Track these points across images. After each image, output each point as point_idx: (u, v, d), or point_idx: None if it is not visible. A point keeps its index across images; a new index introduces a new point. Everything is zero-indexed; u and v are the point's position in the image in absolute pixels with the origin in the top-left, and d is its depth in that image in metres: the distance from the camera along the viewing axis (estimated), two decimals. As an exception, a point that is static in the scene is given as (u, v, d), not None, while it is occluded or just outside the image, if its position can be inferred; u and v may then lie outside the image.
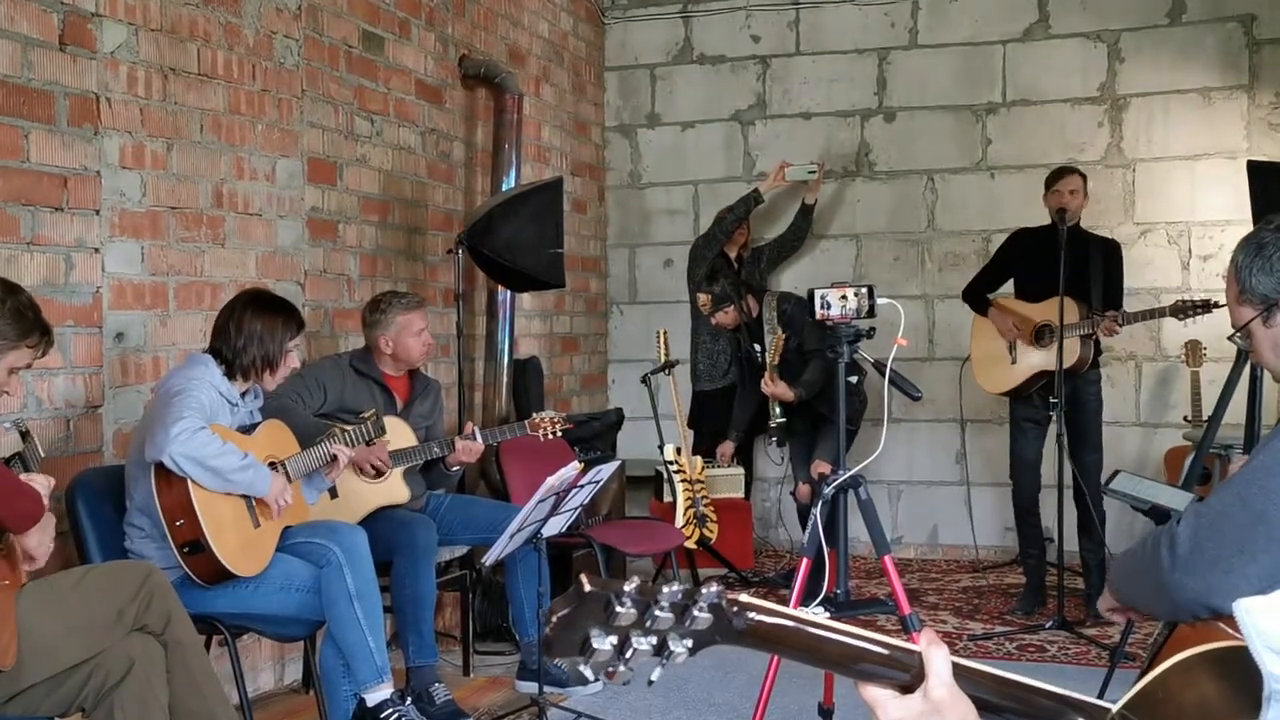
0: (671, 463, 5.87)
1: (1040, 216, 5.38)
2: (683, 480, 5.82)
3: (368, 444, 3.86)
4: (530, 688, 4.28)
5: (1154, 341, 6.40)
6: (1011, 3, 6.58)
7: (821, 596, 2.89)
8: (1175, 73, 6.35)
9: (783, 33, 6.97)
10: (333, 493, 3.94)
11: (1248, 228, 5.00)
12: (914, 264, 6.75)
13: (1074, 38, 6.50)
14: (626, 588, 1.02)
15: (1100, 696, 3.62)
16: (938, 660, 1.17)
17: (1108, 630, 5.07)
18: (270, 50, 4.36)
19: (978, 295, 5.49)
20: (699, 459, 5.99)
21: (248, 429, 3.47)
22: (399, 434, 4.14)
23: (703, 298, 5.60)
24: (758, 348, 5.59)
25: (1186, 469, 5.48)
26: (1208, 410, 5.90)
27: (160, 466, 3.13)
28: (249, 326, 3.41)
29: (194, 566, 3.18)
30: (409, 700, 3.81)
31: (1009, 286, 5.50)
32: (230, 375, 3.42)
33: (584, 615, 1.03)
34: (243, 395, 3.46)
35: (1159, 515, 2.22)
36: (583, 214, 6.99)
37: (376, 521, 4.00)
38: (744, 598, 1.12)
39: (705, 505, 5.81)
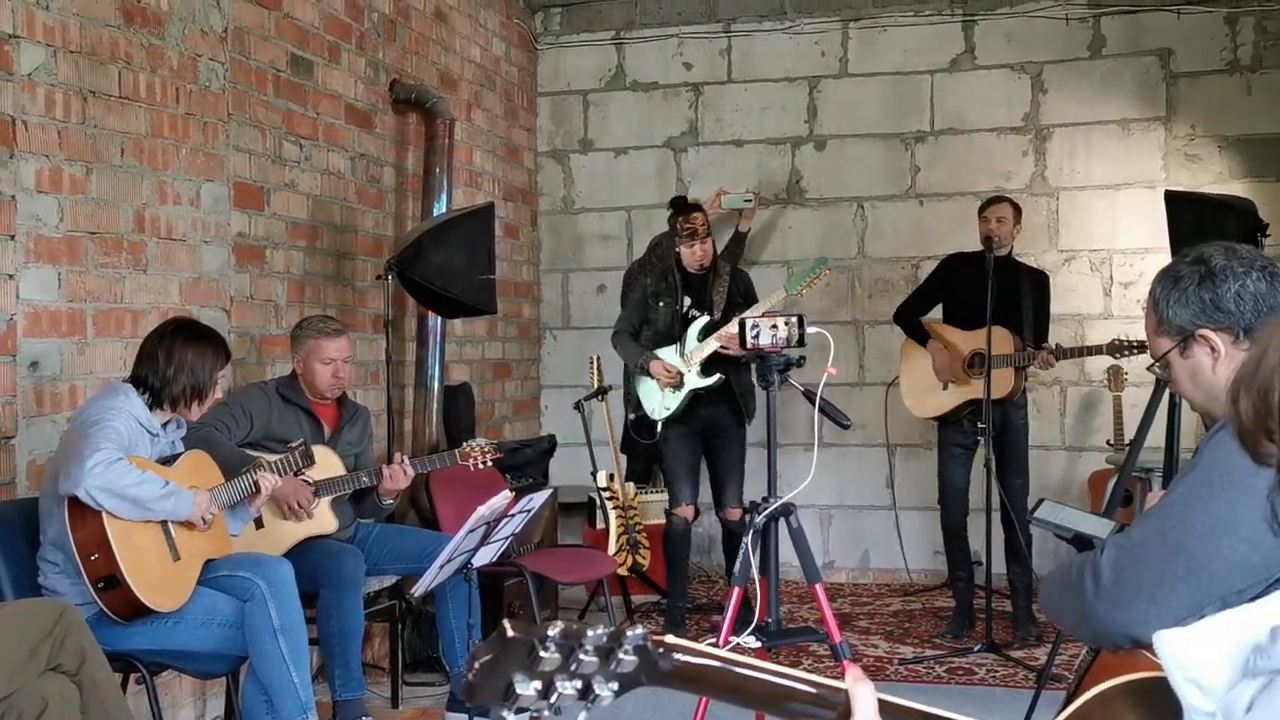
0: (604, 489, 5.85)
1: (969, 243, 5.46)
2: (615, 507, 5.80)
3: (296, 474, 3.79)
4: (459, 718, 4.23)
5: (1078, 367, 6.52)
6: (939, 34, 6.70)
7: (753, 625, 2.89)
8: (1096, 104, 6.49)
9: (715, 60, 7.03)
10: (258, 523, 3.87)
11: (1166, 256, 5.17)
12: (844, 290, 6.81)
13: (999, 69, 6.63)
14: (550, 632, 1.01)
15: (1027, 718, 3.64)
16: (863, 697, 1.17)
17: (1034, 653, 5.13)
18: (195, 73, 4.30)
19: (910, 318, 5.54)
20: (632, 485, 5.97)
21: (169, 460, 3.39)
22: (327, 463, 4.07)
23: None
24: (695, 313, 5.48)
25: (1109, 492, 5.58)
26: (1129, 434, 6.02)
27: (75, 500, 3.05)
28: (179, 355, 3.34)
29: (110, 602, 3.09)
30: (336, 736, 3.74)
31: (939, 310, 5.57)
32: (156, 405, 3.34)
33: (507, 660, 1.01)
34: (164, 425, 3.38)
35: (1082, 543, 2.24)
36: (515, 239, 6.96)
37: (303, 552, 3.93)
38: (670, 639, 1.10)
39: (638, 532, 5.80)
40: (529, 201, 7.21)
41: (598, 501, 5.99)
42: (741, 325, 3.05)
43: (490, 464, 4.31)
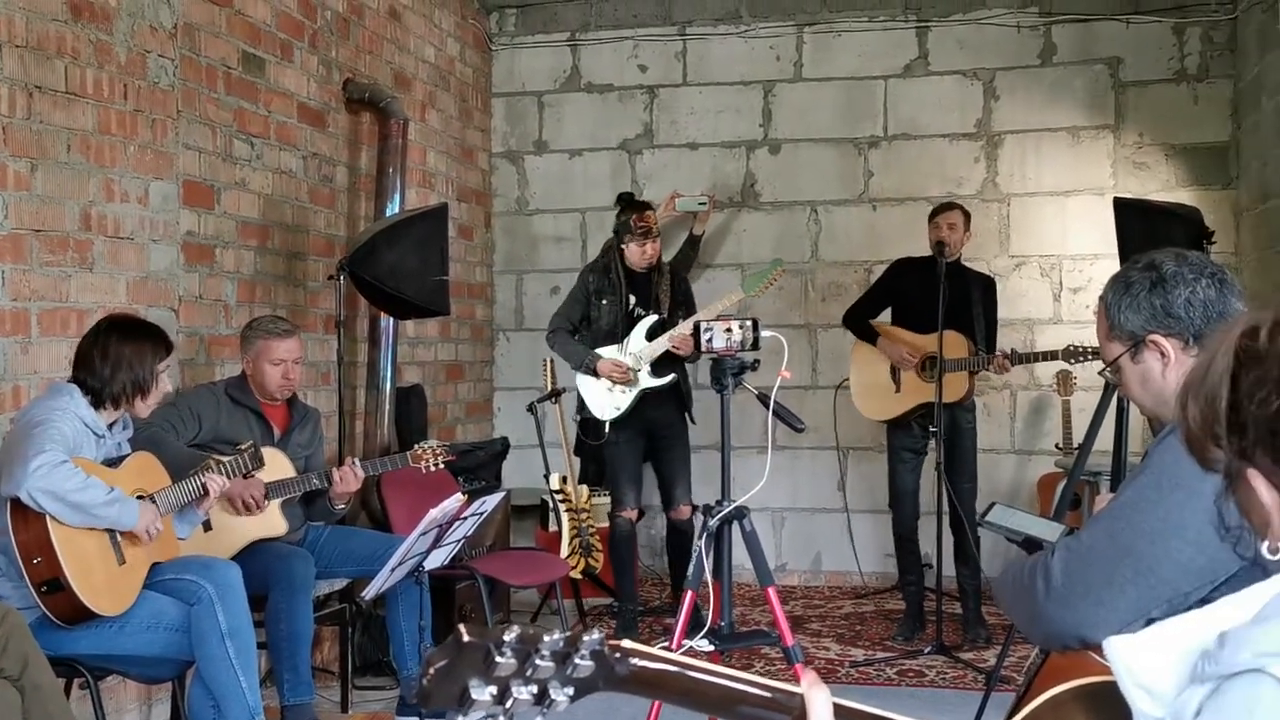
0: (557, 492, 5.84)
1: (922, 248, 5.51)
2: (568, 510, 5.79)
3: (245, 476, 3.75)
4: (410, 723, 4.20)
5: (1028, 371, 6.58)
6: (892, 39, 6.75)
7: (706, 629, 2.89)
8: (1046, 111, 6.57)
9: (670, 63, 7.03)
10: (206, 525, 3.82)
11: (1115, 262, 5.24)
12: (797, 294, 6.83)
13: (952, 75, 6.68)
14: (507, 637, 1.00)
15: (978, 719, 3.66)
16: (819, 702, 1.17)
17: (984, 655, 5.17)
18: (144, 69, 4.23)
19: (859, 321, 5.58)
20: (585, 488, 5.96)
21: (115, 461, 3.34)
22: (277, 465, 4.03)
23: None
24: (641, 311, 5.49)
25: (1058, 496, 5.65)
26: (1078, 438, 6.10)
27: (17, 502, 2.99)
28: (115, 352, 3.29)
29: (53, 606, 3.04)
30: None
31: (888, 314, 5.61)
32: (98, 404, 3.29)
33: (462, 665, 1.00)
34: (110, 426, 3.33)
35: (1032, 546, 2.26)
36: (469, 240, 6.93)
37: (252, 555, 3.89)
38: (626, 644, 1.10)
39: (591, 535, 5.78)
40: (483, 202, 7.17)
41: (550, 504, 5.97)
42: (696, 328, 3.05)
43: (442, 466, 4.28)
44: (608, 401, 5.42)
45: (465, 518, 3.75)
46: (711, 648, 2.80)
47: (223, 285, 4.73)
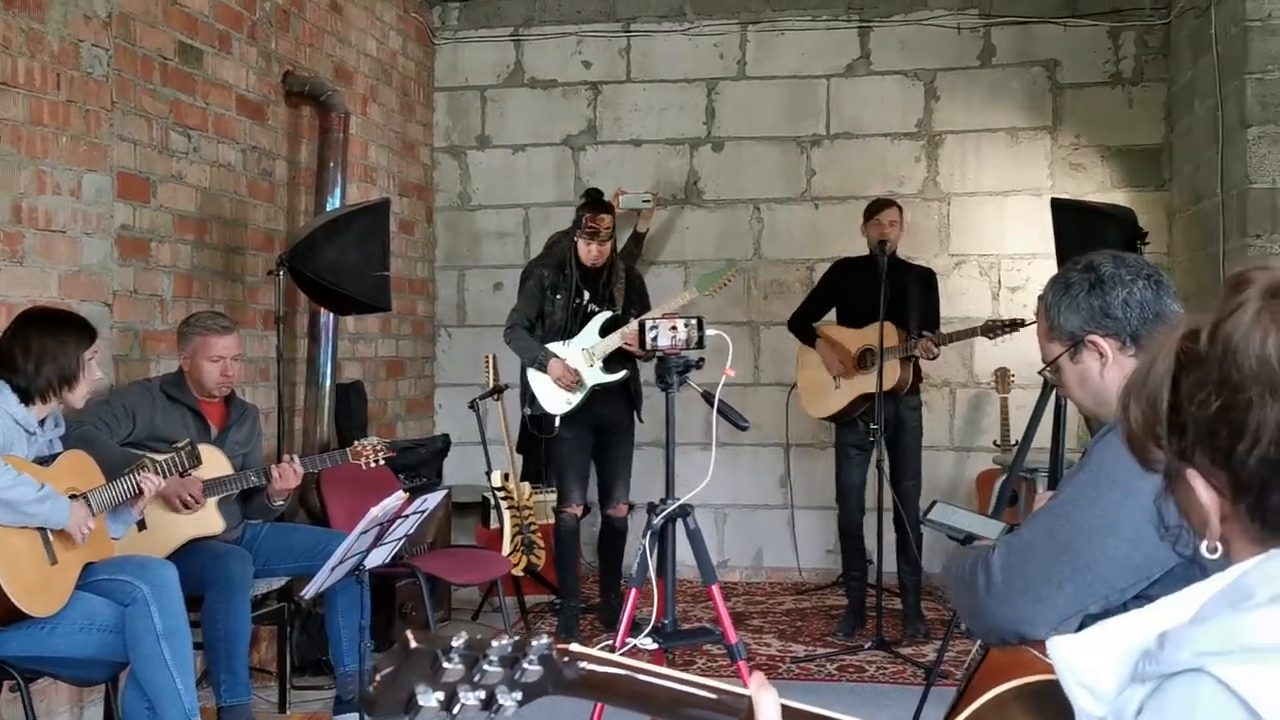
0: (499, 489, 5.81)
1: (863, 246, 5.55)
2: (510, 507, 5.76)
3: (181, 475, 3.68)
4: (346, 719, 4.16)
5: (967, 368, 6.67)
6: (835, 39, 6.79)
7: (650, 627, 2.89)
8: (986, 112, 6.65)
9: (614, 59, 7.02)
10: (141, 524, 3.75)
11: (1052, 261, 5.31)
12: (740, 291, 6.85)
13: (893, 75, 6.74)
14: (455, 643, 0.99)
15: (917, 714, 3.71)
16: (766, 704, 1.17)
17: (923, 649, 5.23)
18: (76, 59, 4.14)
19: (803, 324, 5.62)
20: (527, 485, 5.94)
21: (47, 460, 3.27)
22: (214, 462, 3.97)
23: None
24: (594, 308, 5.49)
25: (996, 493, 5.72)
26: (1016, 434, 6.18)
27: (-54, 501, 2.92)
28: (37, 346, 3.23)
29: (-17, 608, 2.97)
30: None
31: (833, 314, 5.65)
32: (27, 400, 3.22)
33: (409, 672, 0.99)
34: (41, 423, 3.26)
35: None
36: (410, 235, 6.87)
37: (188, 554, 3.82)
38: (574, 647, 1.09)
39: (533, 532, 5.76)
40: (424, 197, 7.12)
41: (492, 501, 5.94)
42: (641, 326, 3.05)
43: (382, 463, 4.24)
44: (559, 396, 5.41)
45: (407, 515, 3.72)
46: (655, 646, 2.80)
47: (159, 280, 4.65)
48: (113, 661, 3.26)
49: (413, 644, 0.98)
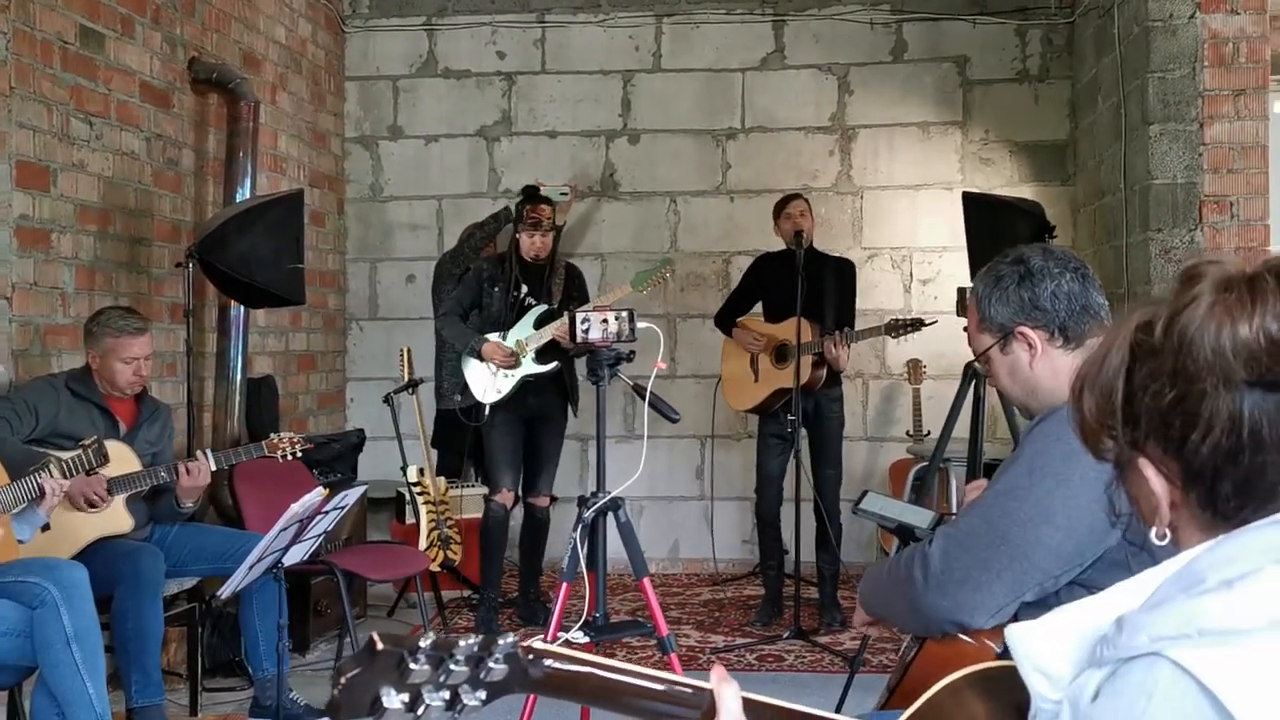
0: (415, 484, 5.74)
1: (778, 240, 5.59)
2: (426, 502, 5.70)
3: (88, 472, 3.57)
4: (265, 725, 4.08)
5: (879, 360, 6.76)
6: (750, 32, 6.82)
7: (582, 620, 2.88)
8: (898, 107, 6.74)
9: (529, 50, 6.97)
10: (45, 526, 3.62)
11: (963, 254, 5.40)
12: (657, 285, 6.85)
13: (807, 69, 6.80)
14: (422, 644, 0.97)
15: (840, 703, 3.75)
16: (728, 697, 1.17)
17: (840, 638, 5.30)
18: (-26, 42, 3.99)
19: (727, 320, 5.67)
20: (443, 480, 5.88)
21: (-53, 459, 3.14)
22: (121, 459, 3.85)
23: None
24: (532, 301, 5.46)
25: (910, 482, 5.83)
26: (928, 424, 6.30)
27: None
28: None
29: (-118, 614, 2.84)
30: (134, 748, 3.54)
31: (759, 309, 5.69)
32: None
33: (375, 674, 0.97)
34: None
35: (905, 533, 2.32)
36: (321, 227, 6.74)
37: (96, 553, 3.71)
38: (537, 644, 1.08)
39: (449, 527, 5.71)
40: (335, 188, 6.99)
41: (408, 496, 5.87)
42: (572, 318, 3.03)
43: (299, 455, 4.17)
44: (490, 384, 5.37)
45: (326, 512, 3.66)
46: (586, 639, 2.79)
47: (60, 272, 4.50)
48: (20, 666, 3.15)
49: (379, 646, 0.97)
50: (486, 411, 5.39)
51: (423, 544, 5.58)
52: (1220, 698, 0.92)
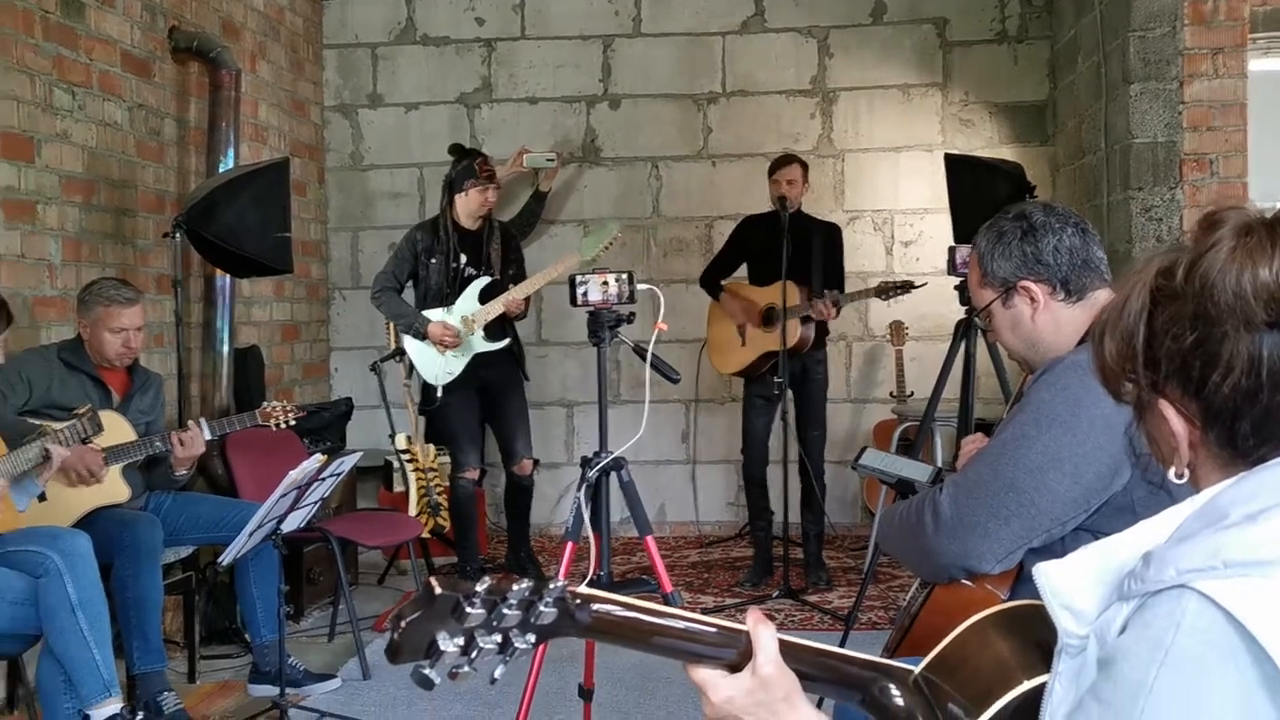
0: (404, 451, 5.76)
1: (760, 203, 5.61)
2: (415, 470, 5.72)
3: (83, 441, 3.58)
4: (265, 690, 4.12)
5: (862, 322, 6.81)
6: (729, -5, 6.82)
7: (588, 579, 2.92)
8: (878, 69, 6.76)
9: (508, 16, 6.94)
10: (41, 496, 3.63)
11: (945, 216, 5.44)
12: (640, 249, 6.88)
13: (787, 32, 6.80)
14: (478, 588, 1.00)
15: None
16: (765, 638, 1.21)
17: (827, 597, 5.37)
18: (-45, 12, 3.95)
19: (712, 282, 5.68)
20: (431, 447, 5.90)
21: (-55, 430, 3.15)
22: (116, 429, 3.86)
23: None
24: (471, 271, 5.43)
25: (896, 442, 5.89)
26: (911, 385, 6.36)
27: None
28: None
29: (-113, 584, 2.86)
30: (139, 715, 3.57)
31: (743, 271, 5.71)
32: (-78, 372, 3.09)
33: (432, 618, 1.00)
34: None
35: (905, 487, 2.36)
36: (302, 196, 6.71)
37: (94, 522, 3.72)
38: (584, 589, 1.11)
39: (439, 494, 5.74)
40: (316, 157, 6.96)
41: (397, 464, 5.89)
42: (571, 281, 3.05)
43: (292, 424, 4.18)
44: (439, 367, 5.37)
45: (324, 479, 3.68)
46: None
47: (46, 243, 4.48)
48: (26, 635, 3.17)
49: (437, 590, 1.00)
50: (439, 393, 5.39)
51: (412, 511, 5.61)
52: (1247, 626, 0.96)
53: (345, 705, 4.05)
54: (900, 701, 1.28)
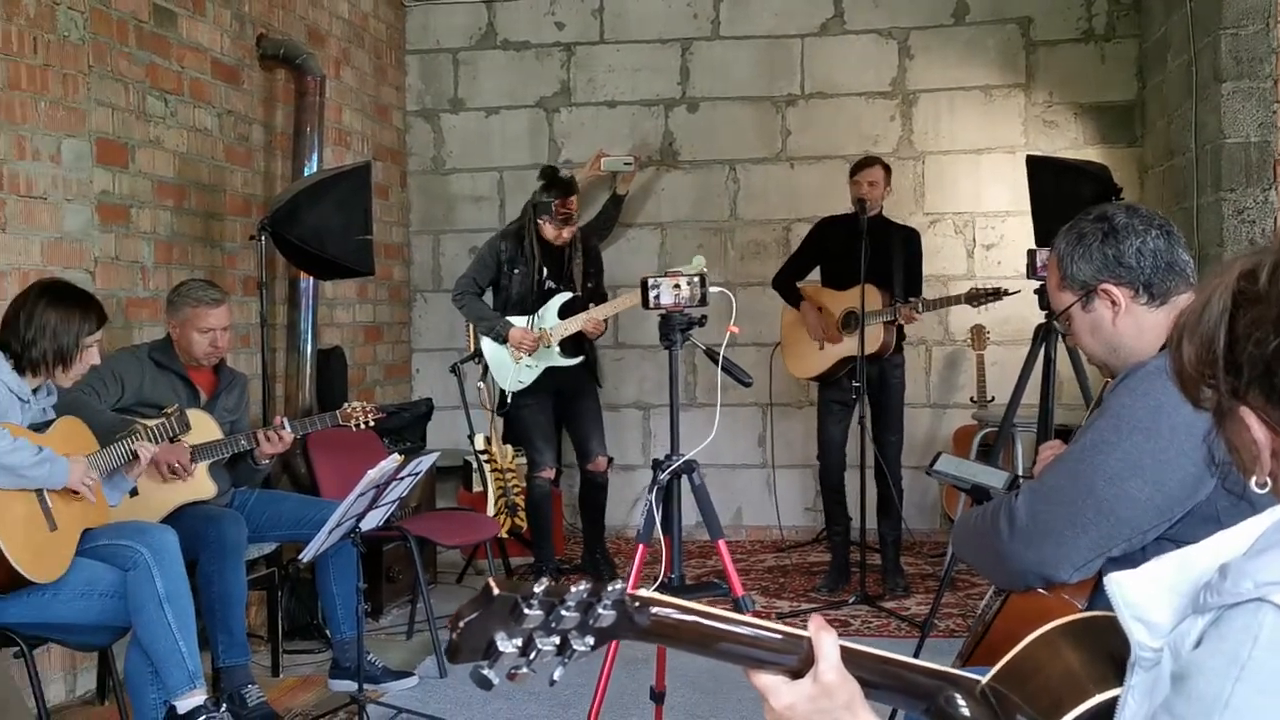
0: (483, 452, 5.81)
1: (839, 205, 5.56)
2: (493, 470, 5.77)
3: (172, 440, 3.67)
4: (345, 686, 4.17)
5: (942, 327, 6.72)
6: (808, -2, 6.78)
7: (658, 582, 2.92)
8: (960, 70, 6.67)
9: (587, 20, 6.97)
10: (133, 491, 3.73)
11: (1027, 218, 5.35)
12: (717, 252, 6.87)
13: (867, 34, 6.74)
14: (536, 589, 1.01)
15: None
16: (827, 644, 1.20)
17: (905, 604, 5.31)
18: (53, 22, 4.07)
19: (787, 284, 5.64)
20: (509, 448, 5.95)
21: (40, 427, 3.24)
22: (203, 427, 3.95)
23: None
24: (552, 285, 5.50)
25: (975, 447, 5.80)
26: (992, 391, 6.26)
27: (-55, 469, 2.89)
28: (41, 318, 3.20)
29: (-16, 575, 2.95)
30: (223, 706, 3.64)
31: (816, 274, 5.67)
32: (20, 369, 3.19)
33: (490, 619, 1.01)
34: (35, 391, 3.24)
35: (980, 493, 2.33)
36: (384, 200, 6.82)
37: (180, 518, 3.81)
38: (644, 593, 1.11)
39: (516, 494, 5.78)
40: (398, 161, 7.06)
41: (475, 465, 5.95)
42: (644, 284, 3.05)
43: (372, 424, 4.24)
44: (512, 373, 5.42)
45: (402, 478, 3.73)
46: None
47: (139, 246, 4.61)
48: (115, 626, 3.26)
49: (496, 591, 1.00)
50: (509, 399, 5.45)
51: (490, 511, 5.67)
52: None
53: (422, 703, 4.10)
54: (966, 712, 1.26)
